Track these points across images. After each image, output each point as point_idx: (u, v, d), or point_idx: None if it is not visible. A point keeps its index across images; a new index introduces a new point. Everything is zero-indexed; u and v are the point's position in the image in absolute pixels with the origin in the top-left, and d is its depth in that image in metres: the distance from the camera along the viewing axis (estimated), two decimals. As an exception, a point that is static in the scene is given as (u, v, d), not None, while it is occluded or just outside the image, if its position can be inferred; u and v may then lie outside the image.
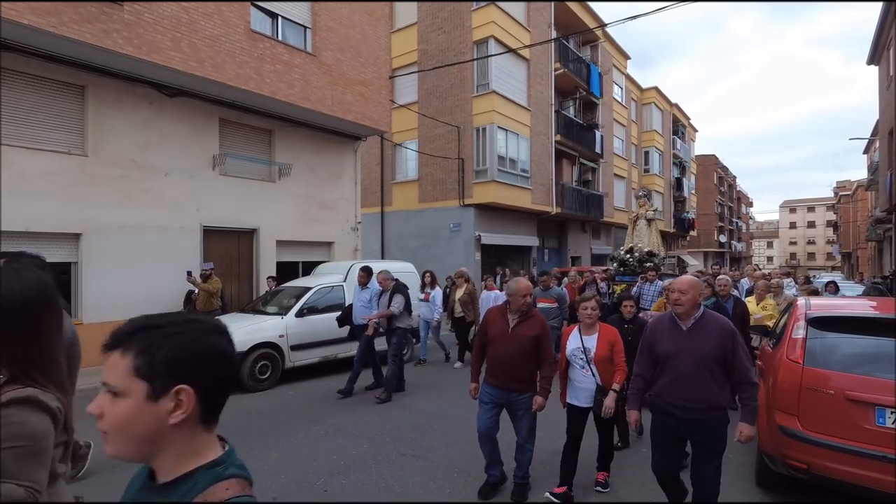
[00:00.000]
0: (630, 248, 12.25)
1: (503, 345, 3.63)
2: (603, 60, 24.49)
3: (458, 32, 16.57)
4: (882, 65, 18.14)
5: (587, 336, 3.74)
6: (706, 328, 2.90)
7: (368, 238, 17.06)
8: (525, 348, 3.58)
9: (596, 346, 3.68)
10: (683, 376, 2.87)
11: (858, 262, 39.52)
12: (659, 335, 3.05)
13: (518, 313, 3.65)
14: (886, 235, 24.23)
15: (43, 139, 7.69)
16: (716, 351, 2.82)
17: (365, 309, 6.94)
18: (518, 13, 17.68)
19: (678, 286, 2.97)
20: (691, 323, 2.94)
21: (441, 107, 16.95)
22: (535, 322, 3.66)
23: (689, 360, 2.86)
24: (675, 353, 2.91)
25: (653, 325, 3.18)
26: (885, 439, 3.01)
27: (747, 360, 2.86)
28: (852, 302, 5.40)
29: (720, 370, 2.84)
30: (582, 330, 3.79)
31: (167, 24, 8.06)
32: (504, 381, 3.63)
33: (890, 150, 17.02)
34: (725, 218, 54.42)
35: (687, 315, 2.95)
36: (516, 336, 3.60)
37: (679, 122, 38.48)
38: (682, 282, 3.01)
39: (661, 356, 2.98)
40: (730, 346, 2.82)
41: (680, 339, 2.94)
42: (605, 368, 3.66)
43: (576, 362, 3.73)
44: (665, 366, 2.96)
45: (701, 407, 2.85)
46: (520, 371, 3.61)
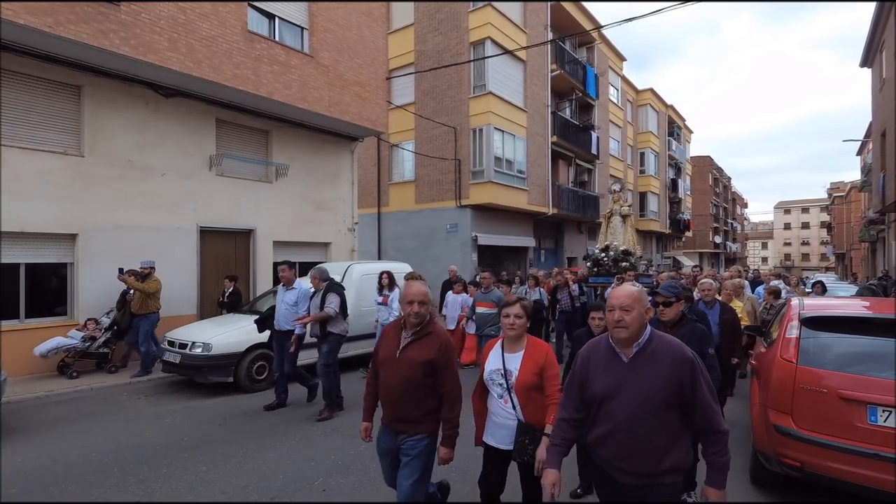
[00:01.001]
0: (606, 247, 11.42)
1: (390, 372, 2.76)
2: (599, 62, 24.59)
3: (454, 34, 16.60)
4: (875, 67, 18.30)
5: (510, 354, 2.78)
6: (655, 358, 2.11)
7: (365, 239, 17.06)
8: (415, 377, 2.68)
9: (519, 369, 2.72)
10: (623, 426, 2.09)
11: (852, 263, 39.81)
12: (592, 367, 2.25)
13: (412, 329, 2.75)
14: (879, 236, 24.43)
15: (39, 139, 7.66)
16: (668, 389, 2.04)
17: (290, 312, 6.04)
18: (514, 15, 17.73)
19: (618, 301, 2.15)
20: (634, 351, 2.15)
21: (438, 108, 16.98)
22: (432, 342, 2.73)
23: (632, 402, 2.08)
24: (612, 394, 2.13)
25: (585, 352, 2.33)
26: (878, 437, 3.05)
27: (712, 397, 2.08)
28: (845, 302, 5.47)
29: (675, 416, 2.07)
30: (505, 345, 2.83)
31: (164, 24, 8.06)
32: (391, 420, 2.79)
33: (882, 152, 17.17)
34: (721, 219, 54.70)
35: (630, 341, 2.14)
36: (404, 361, 2.71)
37: (674, 124, 38.66)
38: (622, 295, 2.16)
39: (594, 397, 2.19)
40: (688, 381, 2.04)
41: (619, 373, 2.15)
42: (531, 400, 2.69)
43: (493, 388, 2.78)
44: (600, 410, 2.18)
45: (646, 471, 2.07)
46: (407, 408, 2.72)
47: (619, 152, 28.45)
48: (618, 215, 12.05)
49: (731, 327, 5.19)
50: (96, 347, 7.54)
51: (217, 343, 6.63)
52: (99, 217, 8.13)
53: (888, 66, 15.54)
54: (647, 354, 2.13)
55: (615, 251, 11.09)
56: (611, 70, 26.82)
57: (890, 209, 17.18)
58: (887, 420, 3.06)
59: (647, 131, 32.67)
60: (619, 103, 28.38)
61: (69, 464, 4.33)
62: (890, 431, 3.03)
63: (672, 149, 37.36)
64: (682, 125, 40.58)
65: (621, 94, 28.93)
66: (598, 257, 11.38)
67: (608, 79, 26.23)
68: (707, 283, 5.47)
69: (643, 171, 32.46)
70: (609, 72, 26.46)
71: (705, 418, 2.06)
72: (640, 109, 32.60)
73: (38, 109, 7.69)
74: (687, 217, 39.71)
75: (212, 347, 6.53)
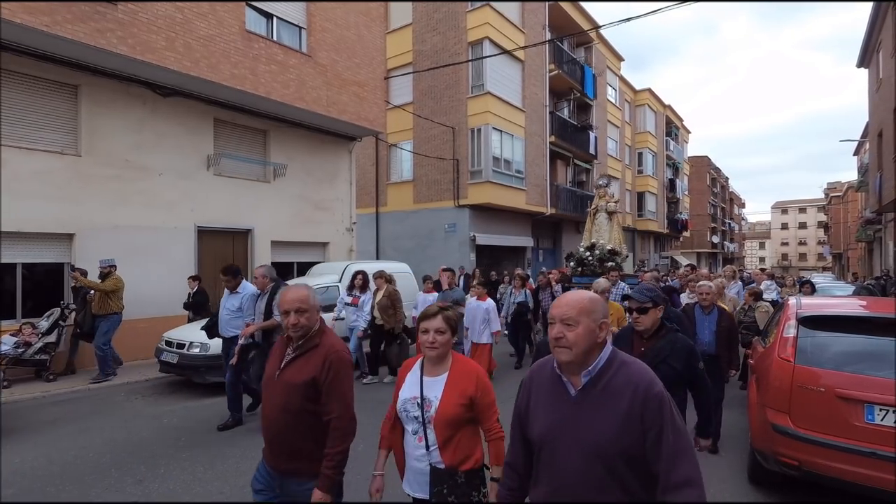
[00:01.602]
0: (591, 245, 10.76)
1: (267, 397, 2.26)
2: (597, 62, 24.61)
3: (453, 33, 16.61)
4: (872, 67, 18.36)
5: (431, 378, 2.17)
6: (610, 393, 1.53)
7: (363, 239, 17.06)
8: (293, 403, 2.13)
9: (440, 398, 2.09)
10: (567, 486, 1.54)
11: (849, 263, 39.94)
12: (534, 399, 1.68)
13: (294, 344, 2.24)
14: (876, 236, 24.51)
15: (36, 139, 7.64)
16: (626, 437, 1.48)
17: (234, 318, 5.50)
18: (513, 15, 17.75)
19: (559, 311, 1.58)
20: (584, 382, 1.57)
21: (436, 108, 16.98)
22: (316, 357, 2.17)
23: (577, 454, 1.53)
24: (552, 440, 1.58)
25: (529, 376, 1.77)
26: (875, 436, 3.06)
27: (684, 441, 1.50)
28: (842, 301, 5.48)
29: (633, 470, 1.50)
30: (425, 367, 2.22)
31: (162, 23, 8.04)
32: (272, 460, 2.22)
33: (879, 152, 17.23)
34: (718, 219, 54.82)
35: (576, 366, 1.57)
36: (282, 384, 2.18)
37: (672, 124, 38.72)
38: (565, 303, 1.59)
39: (534, 441, 1.65)
40: (652, 424, 1.48)
41: (562, 411, 1.58)
42: (456, 437, 2.08)
43: (408, 423, 2.15)
44: (540, 461, 1.62)
45: None
46: (289, 443, 2.16)
47: (617, 152, 28.49)
48: (603, 212, 11.45)
49: (729, 335, 4.83)
50: (31, 354, 6.85)
51: (215, 343, 6.57)
52: (96, 217, 8.11)
53: (885, 67, 15.60)
54: (601, 387, 1.54)
55: (601, 250, 10.52)
56: (609, 70, 26.85)
57: (887, 209, 17.24)
58: (884, 419, 3.08)
59: (645, 131, 32.71)
60: (616, 103, 28.42)
61: (66, 464, 4.32)
62: (887, 430, 3.04)
63: (670, 149, 37.42)
64: (679, 125, 40.65)
65: (619, 94, 28.96)
66: (582, 256, 10.78)
67: (606, 79, 26.27)
68: (706, 287, 5.01)
69: (641, 172, 32.51)
70: (607, 72, 26.49)
71: (671, 470, 1.45)
72: (637, 109, 32.64)
73: (35, 109, 7.66)
74: (685, 217, 39.79)
75: (209, 347, 6.51)
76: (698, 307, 5.01)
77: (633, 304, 2.91)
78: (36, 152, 7.54)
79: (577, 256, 10.76)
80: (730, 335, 4.84)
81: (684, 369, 2.78)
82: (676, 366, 2.76)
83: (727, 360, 4.84)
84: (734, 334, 4.93)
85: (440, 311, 2.22)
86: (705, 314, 4.95)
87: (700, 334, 4.87)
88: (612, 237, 11.09)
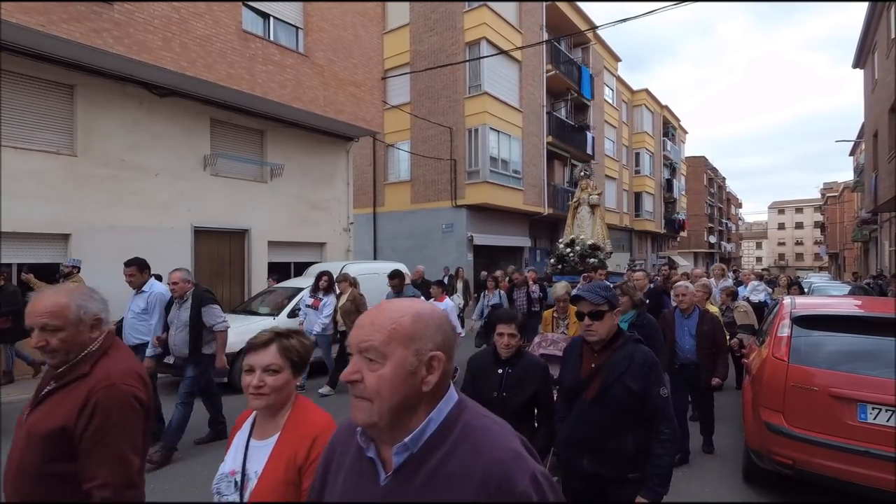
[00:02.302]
0: (571, 241, 10.00)
1: (12, 447, 1.57)
2: (594, 62, 24.66)
3: (450, 34, 16.62)
4: (867, 68, 18.44)
5: (258, 442, 1.52)
6: (439, 483, 0.90)
7: (361, 239, 17.05)
8: (32, 463, 1.47)
9: (263, 469, 1.45)
10: None
11: (845, 263, 40.09)
12: (332, 477, 1.08)
13: (55, 371, 1.60)
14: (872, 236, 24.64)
15: (31, 139, 7.61)
16: None
17: (139, 322, 4.79)
18: (510, 15, 17.77)
19: (358, 336, 0.95)
20: (396, 462, 0.93)
21: (433, 108, 16.99)
22: (77, 393, 1.50)
23: None
24: None
25: (332, 441, 1.14)
26: (868, 435, 3.08)
27: None
28: (836, 301, 5.51)
29: None
30: (256, 424, 1.56)
31: (158, 23, 8.02)
32: None
33: (875, 153, 17.30)
34: (715, 219, 54.96)
35: (384, 432, 0.94)
36: (26, 430, 1.53)
37: (669, 124, 38.81)
38: (373, 321, 0.96)
39: None
40: None
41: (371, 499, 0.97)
42: None
43: None
44: None
45: None
46: None
47: (615, 152, 28.55)
48: (586, 205, 10.67)
49: (713, 340, 4.33)
50: None
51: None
52: (92, 217, 8.08)
53: (880, 68, 15.67)
54: (426, 473, 0.91)
55: (581, 245, 9.71)
56: (606, 70, 26.90)
57: (882, 209, 17.32)
58: (877, 417, 3.10)
59: (643, 131, 32.79)
60: (614, 104, 28.47)
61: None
62: (880, 429, 3.06)
63: (667, 149, 37.51)
64: (676, 125, 40.75)
65: (616, 95, 29.02)
66: (562, 253, 9.91)
67: (603, 79, 26.32)
68: (681, 287, 4.60)
69: (638, 172, 32.58)
70: (604, 72, 26.54)
71: None
72: (635, 110, 32.72)
73: (30, 109, 7.63)
74: (682, 217, 39.88)
75: None
76: (678, 310, 4.60)
77: (586, 307, 2.24)
78: (32, 152, 7.51)
79: (557, 253, 10.02)
80: (714, 340, 4.33)
81: (642, 391, 2.12)
82: (633, 386, 2.12)
83: (709, 368, 4.34)
84: (719, 339, 4.37)
85: (275, 339, 1.53)
86: (685, 317, 4.51)
87: (679, 340, 4.50)
88: (595, 232, 10.35)
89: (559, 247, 10.17)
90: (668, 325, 4.58)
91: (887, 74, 14.34)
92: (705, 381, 4.39)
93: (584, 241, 9.76)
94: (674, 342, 4.51)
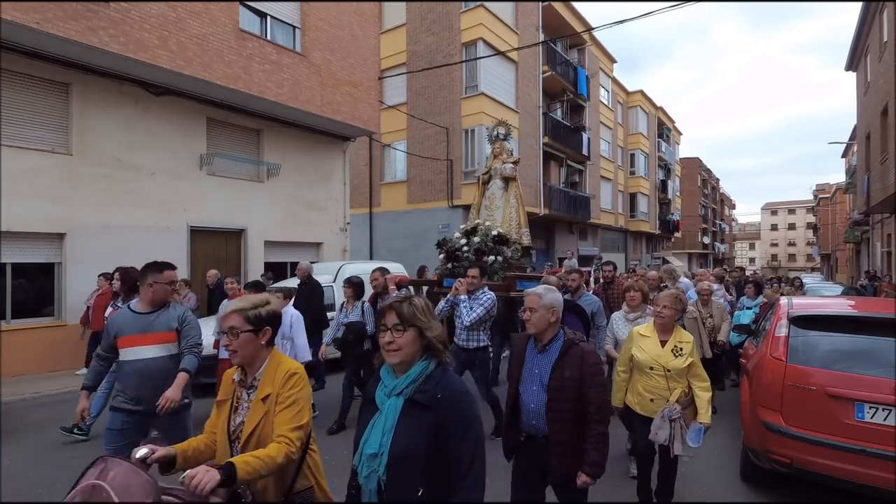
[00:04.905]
0: (473, 228, 6.92)
1: None
2: (590, 63, 24.74)
3: (446, 34, 16.63)
4: (860, 70, 18.60)
5: None
6: None
7: (357, 239, 17.02)
8: None
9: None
10: None
11: (837, 264, 40.44)
12: None
13: None
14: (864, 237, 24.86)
15: (26, 137, 7.56)
16: None
17: None
18: (506, 16, 17.80)
19: None
20: None
21: (430, 108, 16.99)
22: None
23: None
24: None
25: None
26: (865, 433, 3.11)
27: None
28: (832, 301, 5.56)
29: None
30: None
31: (154, 22, 7.98)
32: None
33: (867, 154, 17.47)
34: (709, 220, 55.28)
35: None
36: None
37: (664, 125, 38.99)
38: None
39: None
40: None
41: None
42: None
43: None
44: None
45: None
46: None
47: (610, 153, 28.65)
48: (498, 178, 7.49)
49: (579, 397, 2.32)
50: None
51: (208, 343, 6.49)
52: (87, 216, 8.03)
53: (872, 70, 15.82)
54: None
55: (483, 235, 6.66)
56: (601, 72, 26.99)
57: (874, 210, 17.49)
58: (874, 416, 3.13)
59: (637, 133, 32.91)
60: (609, 105, 28.57)
61: (59, 465, 4.28)
62: (877, 428, 3.09)
63: (662, 150, 37.67)
64: (671, 127, 40.95)
65: (612, 96, 29.13)
66: (454, 245, 6.77)
67: (599, 80, 26.40)
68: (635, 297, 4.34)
69: (633, 173, 32.71)
70: (600, 73, 26.63)
71: None
72: (630, 111, 32.84)
73: (25, 107, 7.58)
74: (676, 218, 40.07)
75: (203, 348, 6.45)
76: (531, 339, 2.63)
77: None
78: (26, 151, 7.46)
79: (448, 245, 6.87)
80: (581, 397, 2.33)
81: None
82: None
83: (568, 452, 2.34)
84: (590, 396, 2.32)
85: None
86: (537, 351, 2.51)
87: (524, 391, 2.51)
88: (508, 216, 7.30)
89: (453, 238, 6.98)
90: (514, 360, 2.62)
91: (879, 77, 14.48)
92: (560, 471, 2.36)
93: (489, 228, 6.74)
94: (517, 395, 2.51)
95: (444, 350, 1.71)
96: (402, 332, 1.63)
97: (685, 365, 3.17)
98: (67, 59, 7.65)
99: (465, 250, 6.69)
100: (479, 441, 1.63)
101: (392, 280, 5.81)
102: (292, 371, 1.85)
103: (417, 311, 1.66)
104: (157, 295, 3.09)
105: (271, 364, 1.88)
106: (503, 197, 7.60)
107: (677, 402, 3.14)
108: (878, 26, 14.57)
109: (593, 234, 26.58)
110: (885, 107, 13.80)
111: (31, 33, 6.82)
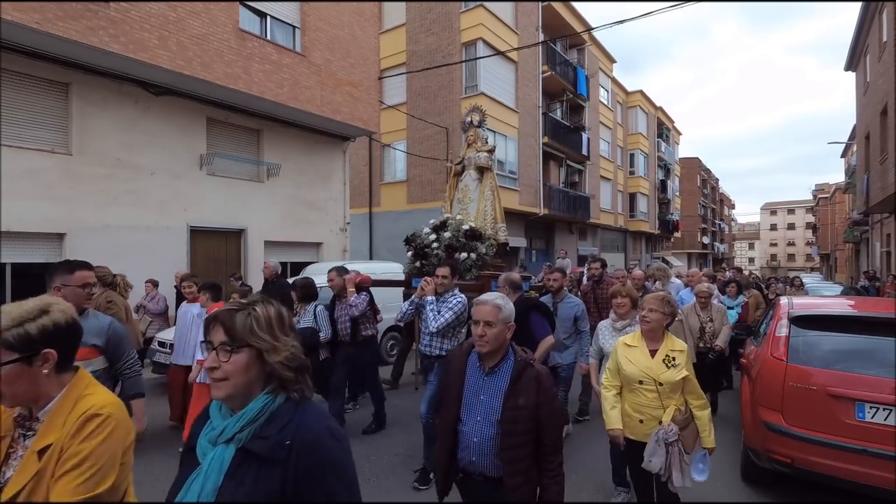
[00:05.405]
0: (443, 222, 6.38)
1: None
2: (589, 63, 24.75)
3: (446, 34, 16.63)
4: (859, 70, 18.62)
5: None
6: None
7: (357, 239, 17.02)
8: None
9: None
10: None
11: (836, 264, 40.47)
12: None
13: None
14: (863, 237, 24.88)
15: (26, 137, 7.55)
16: None
17: None
18: (506, 16, 17.81)
19: None
20: None
21: (430, 108, 16.99)
22: None
23: None
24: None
25: None
26: (865, 433, 3.12)
27: None
28: (833, 301, 5.57)
29: None
30: None
31: (154, 21, 7.97)
32: None
33: (867, 154, 17.48)
34: (709, 220, 55.31)
35: None
36: None
37: (664, 125, 39.02)
38: None
39: None
40: None
41: None
42: None
43: None
44: None
45: None
46: None
47: (610, 153, 28.67)
48: (472, 168, 7.00)
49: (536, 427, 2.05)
50: None
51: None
52: (87, 216, 8.02)
53: (872, 70, 15.83)
54: None
55: (454, 229, 6.15)
56: (601, 72, 27.00)
57: (874, 210, 17.50)
58: (875, 416, 3.13)
59: (637, 133, 32.93)
60: (609, 105, 28.58)
61: (59, 466, 4.27)
62: (878, 427, 3.09)
63: (661, 150, 37.70)
64: (671, 127, 40.96)
65: (611, 96, 29.14)
66: (423, 241, 6.28)
67: (598, 80, 26.41)
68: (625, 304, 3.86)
69: (633, 173, 32.73)
70: (599, 73, 26.64)
71: None
72: (629, 111, 32.86)
73: (25, 107, 7.57)
74: (676, 218, 40.11)
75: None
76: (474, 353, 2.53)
77: None
78: (26, 151, 7.45)
79: (418, 242, 6.33)
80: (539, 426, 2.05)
81: None
82: None
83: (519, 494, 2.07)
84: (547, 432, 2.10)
85: None
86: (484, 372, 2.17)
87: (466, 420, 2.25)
88: (482, 210, 6.75)
89: (422, 234, 6.44)
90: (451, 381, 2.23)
91: (879, 77, 14.49)
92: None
93: (460, 222, 6.22)
94: (456, 424, 2.14)
95: (296, 379, 1.22)
96: (229, 353, 1.16)
97: (679, 378, 2.73)
98: (67, 59, 7.64)
99: (434, 247, 6.13)
100: (354, 495, 1.22)
101: (351, 281, 5.17)
102: (93, 412, 1.29)
103: (258, 324, 1.18)
104: (66, 301, 2.58)
105: (66, 401, 1.32)
106: (478, 189, 6.98)
107: (672, 422, 2.70)
108: (878, 26, 14.58)
109: (593, 234, 26.60)
110: (884, 107, 13.81)
111: (31, 33, 6.81)
